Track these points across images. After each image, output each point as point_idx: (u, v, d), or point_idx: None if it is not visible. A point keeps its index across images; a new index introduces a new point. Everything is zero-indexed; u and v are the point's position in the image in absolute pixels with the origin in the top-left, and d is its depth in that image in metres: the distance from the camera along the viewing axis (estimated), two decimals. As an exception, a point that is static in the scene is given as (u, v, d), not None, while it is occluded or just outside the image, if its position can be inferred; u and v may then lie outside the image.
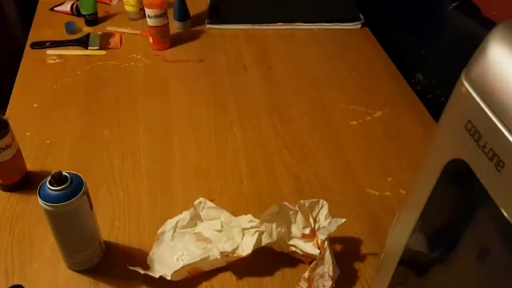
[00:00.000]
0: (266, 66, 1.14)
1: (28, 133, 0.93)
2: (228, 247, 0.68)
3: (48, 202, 0.62)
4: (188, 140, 0.93)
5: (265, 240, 0.68)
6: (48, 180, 0.62)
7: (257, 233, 0.68)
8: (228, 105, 1.02)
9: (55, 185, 0.62)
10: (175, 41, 1.20)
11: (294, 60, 1.16)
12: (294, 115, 0.99)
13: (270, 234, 0.68)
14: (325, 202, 0.70)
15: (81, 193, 0.63)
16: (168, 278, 0.65)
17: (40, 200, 0.62)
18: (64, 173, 0.63)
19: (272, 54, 1.18)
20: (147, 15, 1.13)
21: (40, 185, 0.63)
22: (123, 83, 1.07)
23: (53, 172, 0.62)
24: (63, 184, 0.62)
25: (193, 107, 1.01)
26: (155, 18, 1.13)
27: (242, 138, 0.94)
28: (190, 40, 1.21)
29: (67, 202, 0.62)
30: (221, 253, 0.67)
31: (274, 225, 0.69)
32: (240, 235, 0.69)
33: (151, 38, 1.17)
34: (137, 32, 1.24)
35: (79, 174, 0.64)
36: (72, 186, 0.62)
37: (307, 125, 0.97)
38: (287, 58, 1.17)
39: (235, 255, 0.68)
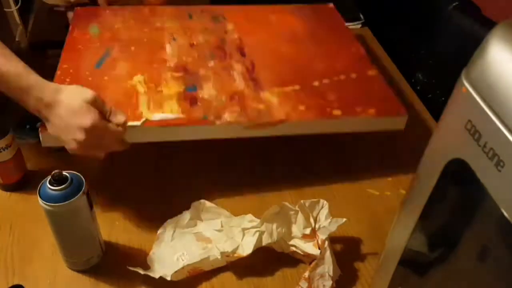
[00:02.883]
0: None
1: (28, 133, 0.93)
2: (228, 247, 0.68)
3: (48, 202, 0.62)
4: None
5: (265, 240, 0.68)
6: (48, 180, 0.62)
7: (257, 233, 0.68)
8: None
9: (55, 185, 0.62)
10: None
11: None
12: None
13: (271, 234, 0.68)
14: (325, 202, 0.70)
15: (81, 193, 0.63)
16: (168, 278, 0.65)
17: (40, 200, 0.62)
18: (64, 173, 0.63)
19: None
20: None
21: (40, 185, 0.63)
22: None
23: (53, 172, 0.62)
24: (63, 184, 0.62)
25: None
26: None
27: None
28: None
29: (67, 202, 0.62)
30: (222, 253, 0.67)
31: (274, 225, 0.69)
32: (240, 235, 0.69)
33: None
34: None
35: (79, 174, 0.64)
36: (72, 186, 0.62)
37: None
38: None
39: (235, 255, 0.68)
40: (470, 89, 0.35)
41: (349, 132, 0.82)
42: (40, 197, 0.62)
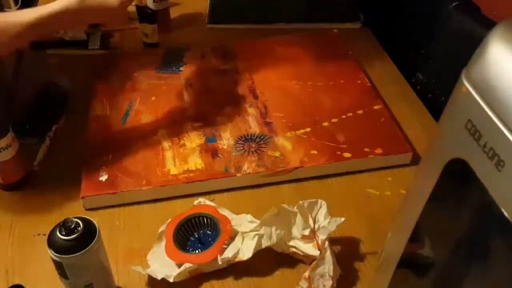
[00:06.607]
0: (266, 66, 1.14)
1: (28, 133, 0.93)
2: (229, 253, 0.68)
3: (63, 254, 0.57)
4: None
5: (265, 243, 0.68)
6: (58, 229, 0.57)
7: (256, 237, 0.68)
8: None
9: (65, 234, 0.57)
10: (174, 41, 1.19)
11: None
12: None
13: (270, 237, 0.68)
14: (323, 201, 0.70)
15: (96, 237, 0.59)
16: (171, 280, 0.66)
17: (51, 252, 0.57)
18: (74, 219, 0.58)
19: (272, 54, 1.18)
20: (152, 0, 1.15)
21: (48, 235, 0.58)
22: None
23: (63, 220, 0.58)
24: (76, 232, 0.57)
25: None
26: (160, 1, 1.17)
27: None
28: (190, 40, 1.21)
29: (85, 250, 0.57)
30: (222, 259, 0.67)
31: (273, 228, 0.68)
32: (240, 239, 0.69)
33: None
34: (137, 26, 1.24)
35: (88, 218, 0.60)
36: (85, 231, 0.58)
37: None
38: (287, 58, 1.16)
39: (236, 259, 0.68)
40: (470, 89, 0.35)
41: (359, 170, 0.86)
42: (51, 248, 0.57)
